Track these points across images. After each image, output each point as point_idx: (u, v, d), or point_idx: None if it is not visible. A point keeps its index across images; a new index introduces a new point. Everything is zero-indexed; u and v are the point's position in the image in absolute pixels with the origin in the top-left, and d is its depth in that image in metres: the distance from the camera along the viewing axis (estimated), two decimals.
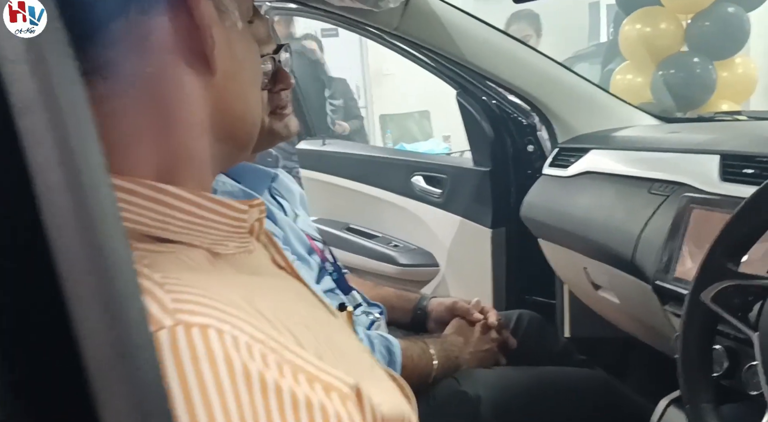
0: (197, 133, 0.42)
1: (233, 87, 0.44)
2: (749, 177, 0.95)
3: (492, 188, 1.65)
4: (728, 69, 2.63)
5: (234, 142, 0.46)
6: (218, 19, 0.42)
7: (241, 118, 0.46)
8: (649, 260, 1.04)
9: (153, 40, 0.39)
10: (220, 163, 0.47)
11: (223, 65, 0.42)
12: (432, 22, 1.31)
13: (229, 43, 0.43)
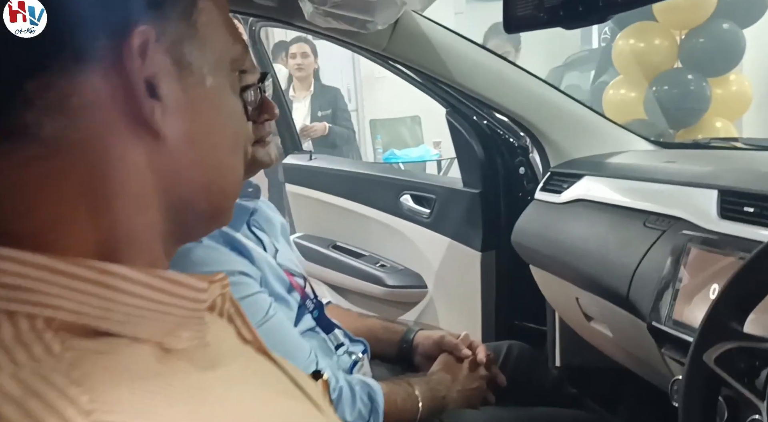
0: (141, 207, 0.37)
1: (193, 154, 0.39)
2: (749, 216, 0.91)
3: (482, 210, 1.61)
4: (722, 86, 2.60)
5: (195, 215, 0.41)
6: (176, 75, 0.37)
7: (205, 188, 0.40)
8: (645, 298, 1.00)
9: (77, 101, 0.34)
10: (179, 237, 0.41)
11: (178, 129, 0.37)
12: (421, 43, 1.26)
13: (190, 103, 0.38)
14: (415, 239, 1.80)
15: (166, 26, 0.36)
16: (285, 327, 0.86)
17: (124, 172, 0.36)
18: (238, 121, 0.43)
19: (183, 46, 0.37)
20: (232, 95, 0.42)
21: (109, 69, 0.34)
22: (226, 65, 0.42)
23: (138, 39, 0.34)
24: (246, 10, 1.20)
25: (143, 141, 0.36)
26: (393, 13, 1.07)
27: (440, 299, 1.78)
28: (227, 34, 0.42)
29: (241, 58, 0.44)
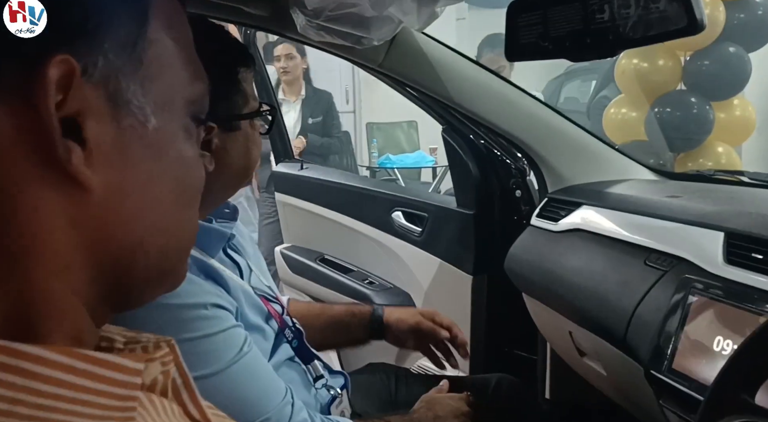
0: (59, 269, 0.31)
1: (128, 208, 0.33)
2: (758, 263, 0.86)
3: (475, 232, 1.55)
4: (725, 110, 2.55)
5: (133, 278, 0.35)
6: (109, 114, 0.31)
7: (143, 248, 0.35)
8: (643, 342, 0.95)
9: None
10: (115, 303, 0.35)
11: (108, 178, 0.31)
12: (418, 59, 1.21)
13: (126, 148, 0.32)
14: (405, 257, 1.74)
15: (98, 58, 0.31)
16: (259, 365, 0.80)
17: (36, 227, 0.30)
18: (191, 170, 0.37)
19: (121, 81, 0.32)
20: (186, 140, 0.37)
21: (18, 105, 0.29)
22: (179, 107, 0.36)
23: (57, 70, 0.29)
24: (238, 19, 1.14)
25: (62, 191, 0.30)
26: (390, 29, 1.01)
27: None
28: (185, 72, 0.37)
29: (201, 100, 0.38)
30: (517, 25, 0.81)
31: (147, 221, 0.35)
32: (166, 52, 0.35)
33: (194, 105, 0.37)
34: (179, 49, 0.36)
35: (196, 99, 0.37)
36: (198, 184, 0.38)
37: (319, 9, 0.99)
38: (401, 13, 0.87)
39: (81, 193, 0.31)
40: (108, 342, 0.38)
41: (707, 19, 2.11)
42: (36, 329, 0.30)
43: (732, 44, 2.48)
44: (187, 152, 0.37)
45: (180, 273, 0.39)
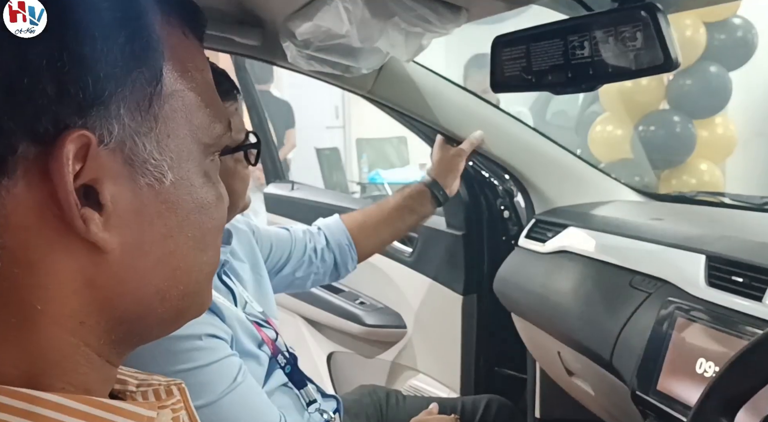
0: (75, 326, 0.32)
1: (144, 263, 0.34)
2: (737, 285, 0.88)
3: (465, 253, 1.57)
4: (708, 128, 2.60)
5: (148, 324, 0.36)
6: (126, 176, 0.32)
7: (159, 296, 0.35)
8: (628, 364, 0.97)
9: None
10: (130, 345, 0.36)
11: (125, 238, 0.32)
12: (406, 86, 1.23)
13: (143, 206, 0.33)
14: (396, 277, 1.76)
15: (113, 125, 0.31)
16: (254, 394, 0.81)
17: (56, 292, 0.31)
18: (212, 213, 0.37)
19: (137, 142, 0.32)
20: (204, 184, 0.36)
21: (36, 179, 0.30)
22: (197, 154, 0.36)
23: (74, 144, 0.30)
24: (229, 49, 1.16)
25: (81, 255, 0.32)
26: (378, 59, 1.04)
27: (419, 340, 1.74)
28: (204, 117, 0.36)
29: (221, 138, 0.38)
30: (501, 58, 0.84)
31: (165, 272, 0.35)
32: (183, 102, 0.35)
33: (213, 146, 0.37)
34: (197, 94, 0.36)
35: (214, 141, 0.37)
36: (218, 224, 0.38)
37: (309, 40, 1.01)
38: (389, 45, 0.89)
39: (98, 255, 0.32)
40: (122, 384, 0.39)
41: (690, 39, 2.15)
42: (52, 381, 0.32)
43: (713, 64, 2.53)
44: (206, 197, 0.36)
45: (203, 305, 0.39)
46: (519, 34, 0.82)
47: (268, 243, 1.13)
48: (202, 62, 0.37)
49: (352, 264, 1.25)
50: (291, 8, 0.97)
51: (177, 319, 0.38)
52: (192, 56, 0.36)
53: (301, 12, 0.96)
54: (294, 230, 1.21)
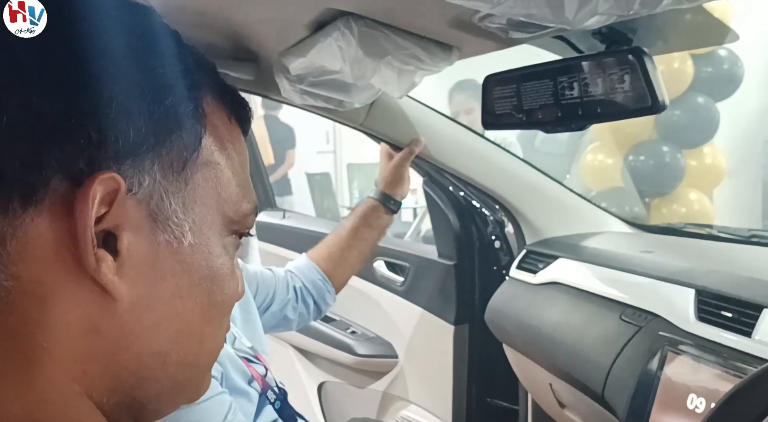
0: (79, 372, 0.32)
1: (151, 319, 0.34)
2: (727, 320, 0.89)
3: (456, 283, 1.57)
4: (697, 158, 2.64)
5: (150, 388, 0.36)
6: (147, 229, 0.33)
7: (161, 358, 0.35)
8: (620, 398, 0.97)
9: (14, 247, 0.30)
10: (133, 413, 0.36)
11: (135, 289, 0.33)
12: (398, 119, 1.25)
13: (157, 262, 0.34)
14: (388, 307, 1.75)
15: (145, 177, 0.33)
16: None
17: (63, 332, 0.32)
18: (222, 286, 0.38)
19: (164, 199, 0.34)
20: (220, 256, 0.37)
21: (59, 214, 0.31)
22: (220, 226, 0.37)
23: (103, 187, 0.31)
24: None
25: (90, 299, 0.32)
26: (371, 94, 1.05)
27: (411, 370, 1.73)
28: (232, 193, 0.38)
29: (245, 221, 0.39)
30: (492, 96, 0.85)
31: (169, 334, 0.35)
32: (215, 174, 0.37)
33: (236, 224, 0.38)
34: (231, 171, 0.38)
35: (239, 219, 0.38)
36: (229, 300, 0.39)
37: (302, 75, 1.02)
38: (382, 82, 0.91)
39: (108, 301, 0.32)
40: None
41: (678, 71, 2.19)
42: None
43: (701, 95, 2.58)
44: (220, 268, 0.37)
45: (199, 388, 0.40)
46: (510, 73, 0.83)
47: (254, 281, 1.13)
48: (241, 147, 0.40)
49: (331, 298, 1.26)
50: (285, 45, 0.99)
51: (173, 395, 0.38)
52: (232, 139, 0.39)
53: (296, 48, 0.97)
54: (276, 270, 1.22)
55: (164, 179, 0.34)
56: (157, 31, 0.36)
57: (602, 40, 0.74)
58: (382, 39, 0.85)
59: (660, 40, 0.78)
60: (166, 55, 0.35)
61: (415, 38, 0.86)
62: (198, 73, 0.37)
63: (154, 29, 0.36)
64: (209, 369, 0.41)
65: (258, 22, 0.97)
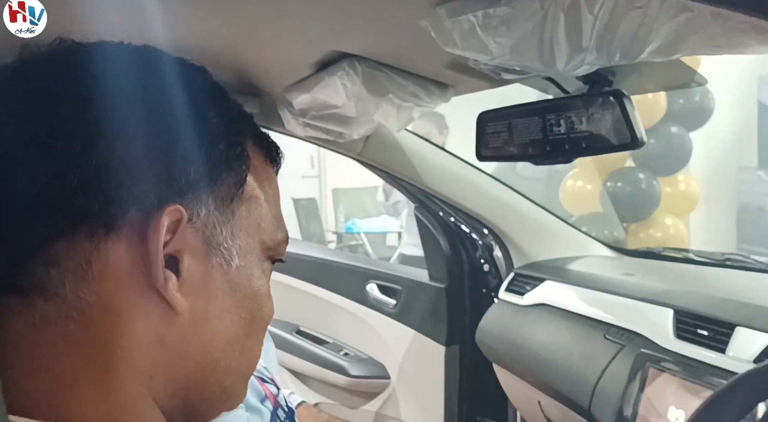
0: (146, 377, 0.38)
1: (206, 331, 0.40)
2: (703, 338, 0.96)
3: (447, 305, 1.63)
4: (672, 185, 2.75)
5: (201, 393, 0.41)
6: (203, 254, 0.39)
7: (212, 366, 0.41)
8: (606, 413, 1.03)
9: (98, 267, 0.36)
10: (185, 417, 0.41)
11: (194, 305, 0.39)
12: (393, 149, 1.32)
13: (212, 281, 0.40)
14: (380, 329, 1.80)
15: (202, 209, 0.39)
16: None
17: (134, 341, 0.37)
18: (261, 304, 0.44)
19: (216, 229, 0.40)
20: (260, 278, 0.43)
21: (134, 240, 0.36)
22: (259, 251, 0.43)
23: (169, 217, 0.37)
24: None
25: (157, 313, 0.37)
26: (370, 128, 1.12)
27: (403, 391, 1.77)
28: (269, 224, 0.44)
29: (278, 248, 0.45)
30: (486, 131, 0.92)
31: (219, 345, 0.41)
32: (256, 207, 0.43)
33: (272, 250, 0.45)
34: (268, 205, 0.44)
35: (274, 246, 0.45)
36: (266, 316, 0.45)
37: (305, 109, 1.09)
38: (383, 117, 0.97)
39: (171, 315, 0.38)
40: None
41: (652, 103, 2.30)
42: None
43: (674, 125, 2.70)
44: (260, 288, 0.43)
45: (240, 395, 0.45)
46: (503, 110, 0.91)
47: None
48: (275, 184, 0.46)
49: None
50: (290, 81, 1.05)
51: (219, 400, 0.43)
52: (269, 177, 0.45)
53: (300, 84, 1.04)
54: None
55: (216, 211, 0.40)
56: (210, 87, 0.43)
57: (585, 82, 0.82)
58: (383, 78, 0.92)
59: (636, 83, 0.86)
60: (217, 108, 0.42)
61: (414, 78, 0.93)
62: (242, 121, 0.44)
63: (207, 86, 0.43)
64: (248, 378, 0.46)
65: (264, 61, 1.03)
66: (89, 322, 0.36)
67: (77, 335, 0.36)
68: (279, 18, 0.82)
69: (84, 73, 0.37)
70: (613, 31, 0.51)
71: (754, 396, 0.64)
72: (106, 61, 0.39)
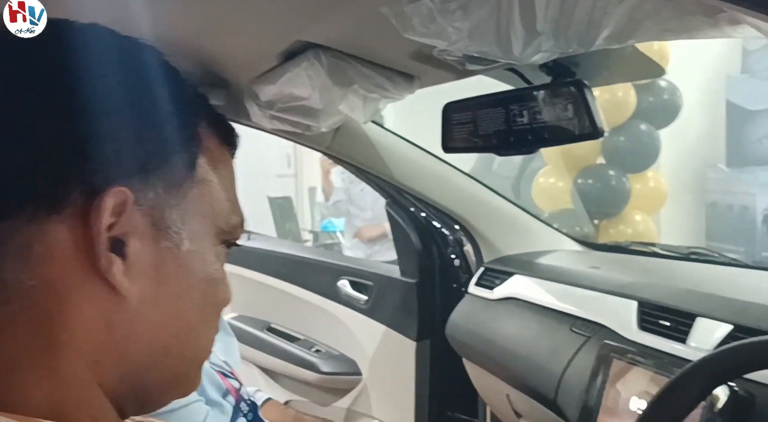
0: (93, 363, 0.37)
1: (156, 316, 0.39)
2: (666, 329, 0.97)
3: (418, 300, 1.63)
4: (641, 182, 2.80)
5: (152, 379, 0.40)
6: (151, 236, 0.38)
7: (164, 351, 0.40)
8: (571, 405, 1.04)
9: (40, 249, 0.35)
10: (136, 402, 0.40)
11: (142, 289, 0.38)
12: (363, 143, 1.31)
13: (160, 265, 0.39)
14: (352, 325, 1.79)
15: (150, 191, 0.38)
16: None
17: (79, 325, 0.36)
18: (215, 289, 0.43)
19: (165, 211, 0.39)
20: (213, 263, 0.42)
21: (77, 222, 0.35)
22: (212, 235, 0.42)
23: (114, 198, 0.36)
24: None
25: (103, 296, 0.36)
26: (338, 119, 1.11)
27: (374, 387, 1.77)
28: (223, 207, 0.43)
29: (234, 232, 0.45)
30: (451, 122, 0.92)
31: (171, 329, 0.40)
32: (208, 190, 0.42)
33: (227, 234, 0.44)
34: (222, 188, 0.43)
35: (229, 230, 0.44)
36: (220, 302, 0.44)
37: (272, 101, 1.08)
38: (349, 109, 0.97)
39: (119, 299, 0.37)
40: None
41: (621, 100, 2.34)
42: (71, 416, 0.36)
43: (643, 122, 2.74)
44: (213, 272, 0.42)
45: (193, 381, 0.44)
46: (467, 101, 0.91)
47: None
48: (230, 167, 0.45)
49: None
50: (255, 73, 1.04)
51: (172, 386, 0.42)
52: (224, 160, 0.44)
53: (266, 76, 1.03)
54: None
55: (166, 194, 0.39)
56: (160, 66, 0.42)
57: (548, 73, 0.82)
58: (348, 69, 0.92)
59: (598, 74, 0.87)
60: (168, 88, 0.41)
61: (380, 69, 0.93)
62: (195, 103, 0.43)
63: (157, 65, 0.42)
64: (201, 364, 0.45)
65: (229, 52, 1.02)
66: (31, 306, 0.35)
67: (19, 319, 0.35)
68: (243, 8, 0.81)
69: (26, 51, 0.36)
70: (568, 15, 0.51)
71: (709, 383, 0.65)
72: (50, 39, 0.38)
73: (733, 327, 0.86)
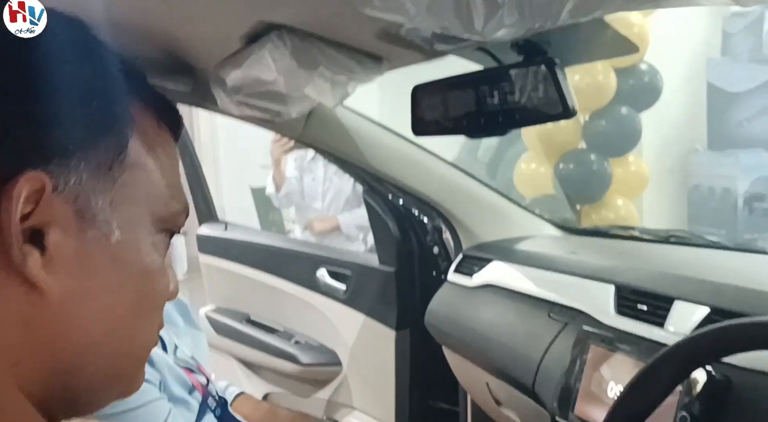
0: (9, 363, 0.34)
1: (83, 312, 0.36)
2: (643, 313, 0.95)
3: (397, 289, 1.61)
4: (622, 166, 2.79)
5: (84, 381, 0.37)
6: (74, 226, 0.34)
7: (95, 351, 0.37)
8: (549, 391, 1.02)
9: None
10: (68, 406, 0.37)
11: (65, 284, 0.34)
12: (335, 129, 1.28)
13: (86, 257, 0.35)
14: (331, 315, 1.77)
15: (71, 176, 0.34)
16: None
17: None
18: (153, 282, 0.40)
19: (90, 198, 0.35)
20: (150, 253, 0.39)
21: None
22: (148, 224, 0.39)
23: (28, 185, 0.32)
24: None
25: (19, 293, 0.33)
26: (307, 104, 1.08)
27: (354, 377, 1.75)
28: (161, 194, 0.40)
29: (175, 220, 0.41)
30: (421, 105, 0.90)
31: (101, 326, 0.37)
32: (142, 175, 0.39)
33: (166, 222, 0.41)
34: (160, 173, 0.40)
35: (169, 218, 0.41)
36: (159, 296, 0.41)
37: (238, 86, 1.04)
38: (316, 92, 0.94)
39: (38, 295, 0.33)
40: None
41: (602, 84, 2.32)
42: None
43: (624, 106, 2.73)
44: (150, 264, 0.39)
45: (133, 380, 0.41)
46: (437, 83, 0.88)
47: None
48: (171, 150, 0.42)
49: None
50: (220, 56, 1.01)
51: (106, 387, 0.39)
52: (162, 142, 0.41)
53: (230, 60, 0.99)
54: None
55: (91, 178, 0.35)
56: (86, 41, 0.38)
57: (519, 52, 0.79)
58: (314, 51, 0.88)
59: (571, 52, 0.84)
60: (93, 63, 0.37)
61: (347, 50, 0.90)
62: (125, 80, 0.39)
63: (82, 39, 0.38)
64: (143, 363, 0.42)
65: (192, 36, 0.98)
66: None
67: None
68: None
69: None
70: None
71: (685, 367, 0.63)
72: None
73: (710, 309, 0.85)
